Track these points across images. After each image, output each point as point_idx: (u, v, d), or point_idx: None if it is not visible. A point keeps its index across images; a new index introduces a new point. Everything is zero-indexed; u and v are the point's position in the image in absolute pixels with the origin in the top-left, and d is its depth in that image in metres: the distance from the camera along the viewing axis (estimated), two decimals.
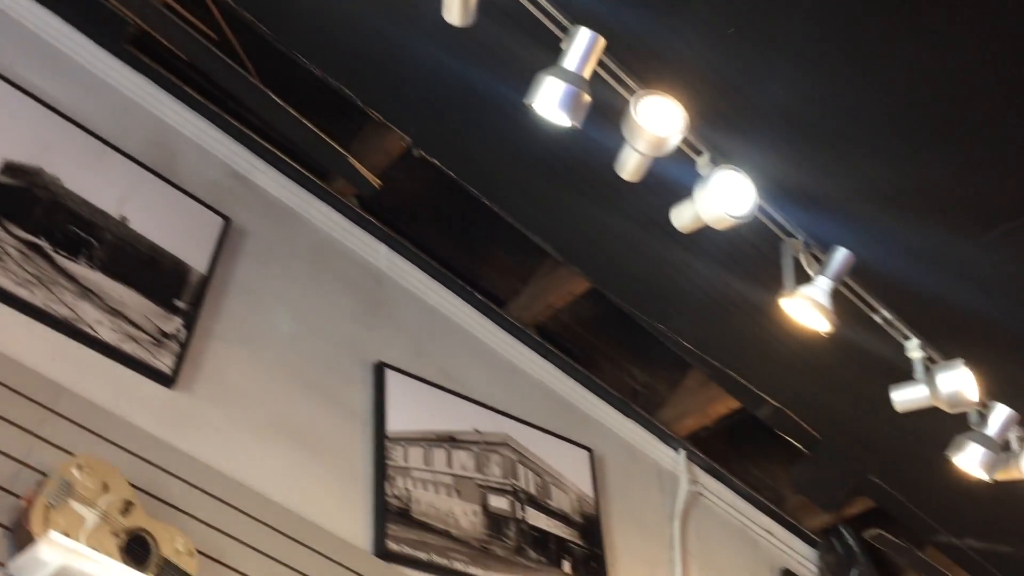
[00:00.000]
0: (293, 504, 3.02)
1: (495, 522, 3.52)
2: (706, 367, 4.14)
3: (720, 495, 4.60)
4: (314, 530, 3.01)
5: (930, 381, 2.77)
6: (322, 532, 3.03)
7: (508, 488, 3.65)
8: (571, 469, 3.93)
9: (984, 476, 2.80)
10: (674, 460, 4.47)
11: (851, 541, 4.73)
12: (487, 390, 3.85)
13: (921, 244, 3.01)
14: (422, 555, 3.23)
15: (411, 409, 3.49)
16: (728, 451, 4.75)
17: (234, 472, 2.94)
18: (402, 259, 3.84)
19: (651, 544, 4.16)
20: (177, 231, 3.16)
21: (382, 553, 3.13)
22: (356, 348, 3.52)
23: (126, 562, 2.40)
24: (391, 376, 3.51)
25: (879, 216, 2.87)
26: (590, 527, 3.86)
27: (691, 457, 4.50)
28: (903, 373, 3.12)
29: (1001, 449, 2.87)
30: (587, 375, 4.27)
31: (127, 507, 2.50)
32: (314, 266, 3.57)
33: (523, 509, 3.65)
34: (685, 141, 2.48)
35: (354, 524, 3.15)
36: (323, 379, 3.35)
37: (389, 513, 3.22)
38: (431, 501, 3.36)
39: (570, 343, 4.34)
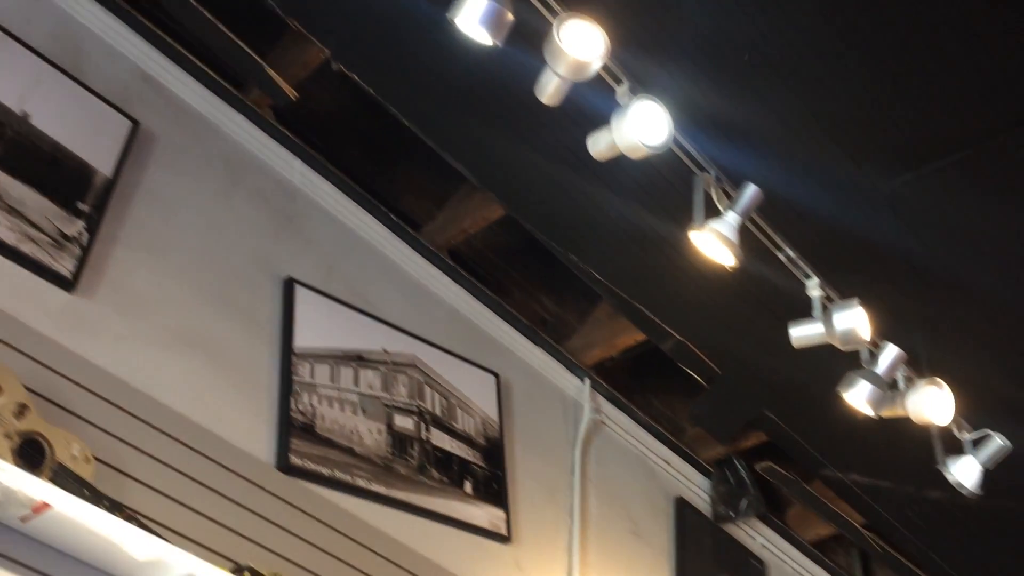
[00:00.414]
0: (195, 415, 3.00)
1: (399, 441, 3.55)
2: (614, 299, 4.21)
3: (621, 424, 4.71)
4: (215, 441, 3.00)
5: (826, 319, 2.86)
6: (224, 444, 3.03)
7: (414, 408, 3.68)
8: (477, 393, 3.98)
9: (871, 412, 2.92)
10: (579, 389, 4.55)
11: (743, 472, 4.91)
12: (397, 311, 3.86)
13: (833, 182, 3.09)
14: (324, 471, 3.25)
15: (320, 326, 3.48)
16: (632, 382, 4.86)
17: (135, 380, 2.90)
18: (317, 175, 3.78)
19: (552, 468, 4.25)
20: (82, 131, 3.06)
21: (284, 467, 3.14)
22: (266, 263, 3.48)
23: (19, 465, 2.36)
24: (300, 292, 3.49)
25: (793, 153, 2.94)
26: (493, 450, 3.93)
27: (595, 387, 4.59)
28: (803, 311, 3.22)
29: (888, 387, 2.99)
30: (498, 302, 4.30)
31: (21, 410, 2.45)
32: (225, 177, 3.50)
33: (428, 430, 3.69)
34: (606, 69, 2.48)
35: (257, 438, 3.15)
36: (230, 292, 3.31)
37: (293, 428, 3.22)
38: (336, 418, 3.38)
39: (482, 269, 4.36)
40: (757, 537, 5.19)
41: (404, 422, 3.61)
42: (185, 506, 2.84)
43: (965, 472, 3.12)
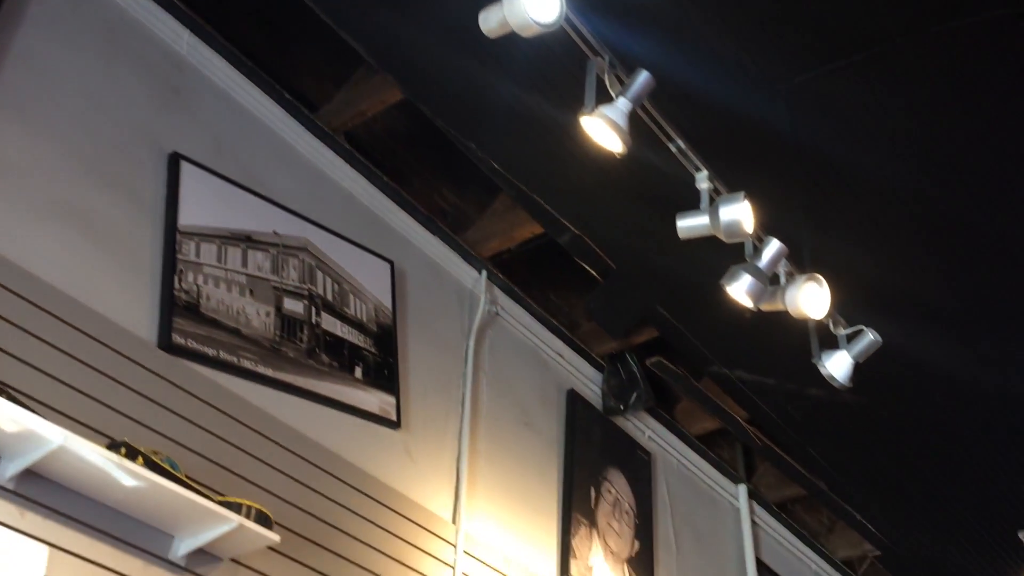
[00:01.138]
0: (71, 289, 2.91)
1: (288, 325, 3.52)
2: (512, 190, 4.20)
3: (517, 317, 4.74)
4: (93, 317, 2.93)
5: (712, 211, 2.89)
6: (102, 320, 2.95)
7: (304, 292, 3.64)
8: (370, 280, 3.95)
9: (750, 305, 2.98)
10: (475, 280, 4.56)
11: (634, 367, 5.02)
12: (290, 194, 3.78)
13: (730, 75, 3.09)
14: (209, 351, 3.20)
15: (207, 205, 3.39)
16: (529, 276, 4.88)
17: (6, 251, 2.79)
18: (207, 48, 3.63)
19: (445, 358, 4.28)
20: None
21: (166, 345, 3.08)
22: (149, 136, 3.35)
23: None
24: (187, 169, 3.38)
25: (692, 42, 2.92)
26: (385, 337, 3.92)
27: (492, 279, 4.60)
28: (695, 205, 3.25)
29: (769, 281, 3.06)
30: (395, 189, 4.24)
31: None
32: (107, 43, 3.33)
33: (318, 314, 3.65)
34: None
35: (137, 315, 3.08)
36: (111, 164, 3.19)
37: (176, 307, 3.15)
38: (222, 298, 3.31)
39: (380, 155, 4.28)
40: (645, 430, 5.34)
41: (294, 306, 3.57)
42: (60, 381, 2.77)
43: (837, 366, 3.23)
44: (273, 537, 2.95)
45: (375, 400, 3.75)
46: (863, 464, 5.60)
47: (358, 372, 3.72)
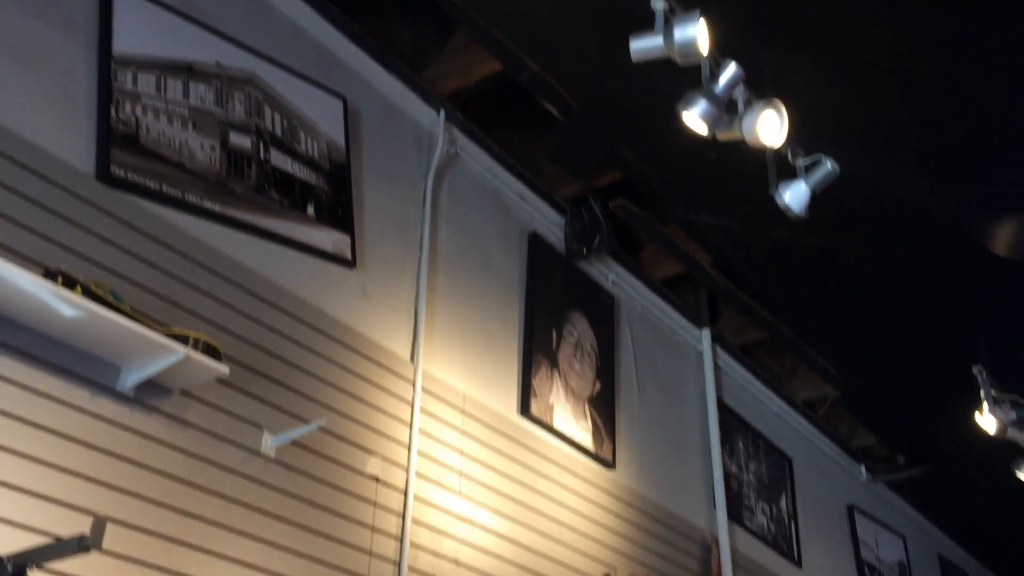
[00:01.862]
0: (4, 119, 2.80)
1: (235, 160, 3.42)
2: (470, 24, 4.05)
3: (477, 159, 4.66)
4: (26, 147, 2.83)
5: (667, 32, 2.79)
6: (36, 150, 2.85)
7: (251, 127, 3.53)
8: (322, 116, 3.83)
9: (705, 131, 2.91)
10: (433, 120, 4.45)
11: (597, 210, 4.96)
12: (234, 24, 3.62)
13: None
14: (151, 184, 3.11)
15: (143, 32, 3.24)
16: (490, 117, 4.77)
17: None
18: None
19: (402, 199, 4.20)
20: None
21: (104, 177, 2.99)
22: None
23: None
24: None
25: None
26: (338, 175, 3.84)
27: (450, 118, 4.49)
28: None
29: (726, 107, 2.98)
30: (349, 23, 4.08)
31: None
32: None
33: (266, 149, 3.56)
34: None
35: (73, 146, 2.97)
36: None
37: (114, 138, 3.04)
38: (163, 131, 3.21)
39: None
40: (609, 274, 5.33)
41: (240, 140, 3.47)
42: None
43: (794, 196, 3.19)
44: (222, 369, 2.93)
45: (328, 238, 3.69)
46: (824, 307, 5.65)
47: (310, 210, 3.65)
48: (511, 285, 4.68)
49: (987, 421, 4.76)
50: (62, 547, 2.39)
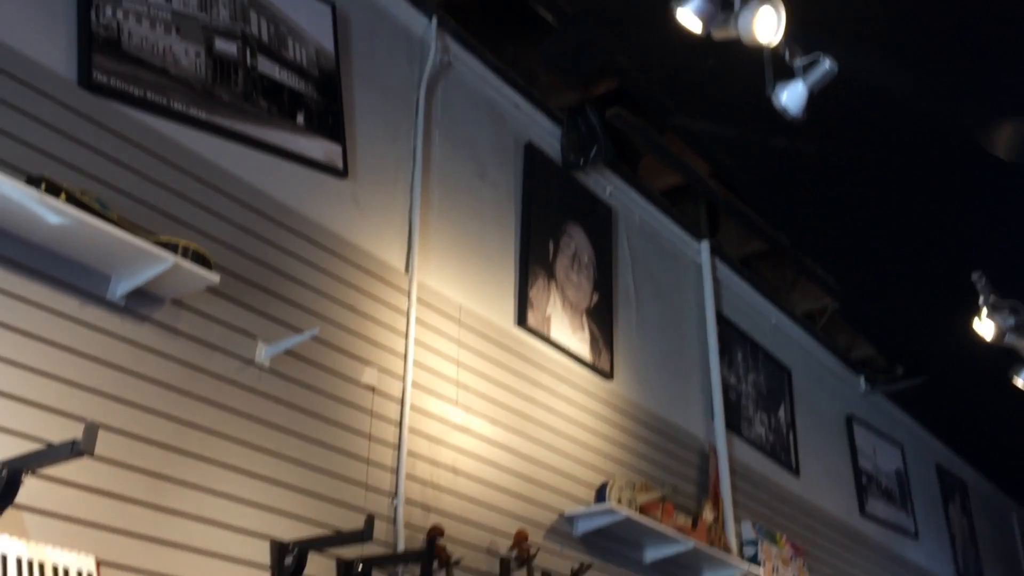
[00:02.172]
0: None
1: (221, 66, 3.35)
2: None
3: (471, 67, 4.57)
4: (7, 53, 2.77)
5: None
6: (17, 56, 2.79)
7: (237, 33, 3.45)
8: (310, 22, 3.75)
9: (699, 29, 2.84)
10: (425, 28, 4.36)
11: (594, 120, 4.89)
12: None
13: None
14: (135, 90, 3.05)
15: None
16: (482, 23, 4.67)
17: None
18: None
19: (394, 109, 4.14)
20: None
21: (87, 83, 2.93)
22: None
23: None
24: None
25: None
26: (328, 83, 3.77)
27: (443, 25, 4.39)
28: None
29: (722, 6, 2.90)
30: None
31: None
32: None
33: (253, 56, 3.48)
34: None
35: (54, 52, 2.91)
36: None
37: (95, 43, 2.98)
38: (146, 36, 3.14)
39: None
40: (606, 185, 5.28)
41: (226, 47, 3.40)
42: None
43: (791, 96, 3.12)
44: (212, 277, 2.92)
45: (319, 147, 3.64)
46: (824, 217, 5.61)
47: (300, 119, 3.60)
48: (507, 196, 4.64)
49: (985, 327, 4.75)
50: (55, 452, 2.40)
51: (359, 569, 3.28)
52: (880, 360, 7.32)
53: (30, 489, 2.53)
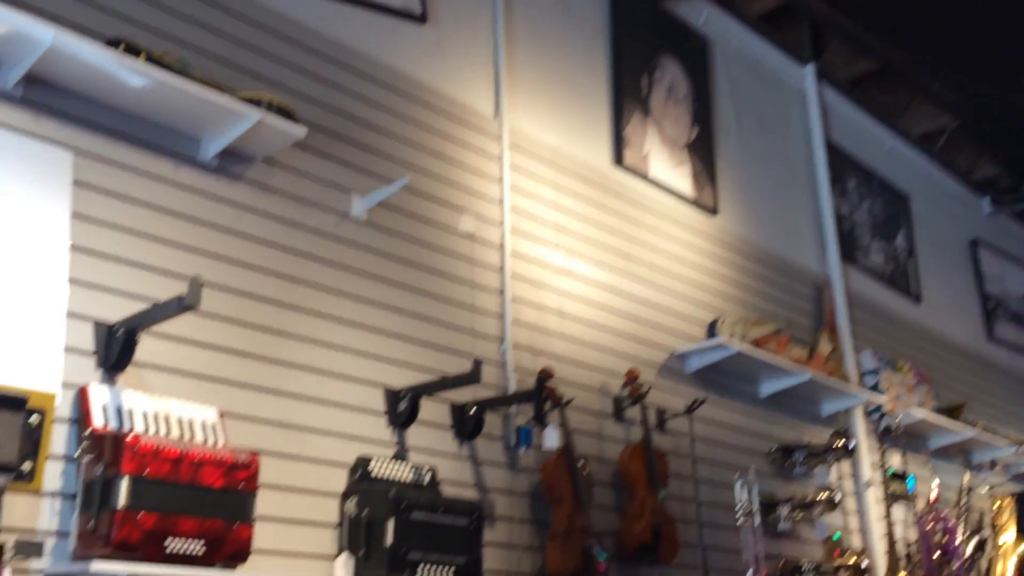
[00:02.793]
0: None
1: None
2: None
3: None
4: None
5: None
6: None
7: None
8: None
9: None
10: None
11: None
12: None
13: None
14: None
15: None
16: None
17: None
18: None
19: None
20: None
21: None
22: None
23: None
24: None
25: None
26: None
27: None
28: None
29: None
30: None
31: None
32: None
33: None
34: None
35: None
36: None
37: None
38: None
39: None
40: (699, 13, 5.03)
41: None
42: None
43: None
44: (298, 131, 2.90)
45: None
46: (939, 27, 5.23)
47: None
48: (595, 31, 4.46)
49: None
50: (164, 309, 2.46)
51: (472, 412, 3.33)
52: (1006, 179, 6.94)
53: (151, 347, 2.62)
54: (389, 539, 2.79)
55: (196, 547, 2.37)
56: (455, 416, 3.34)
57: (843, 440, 4.62)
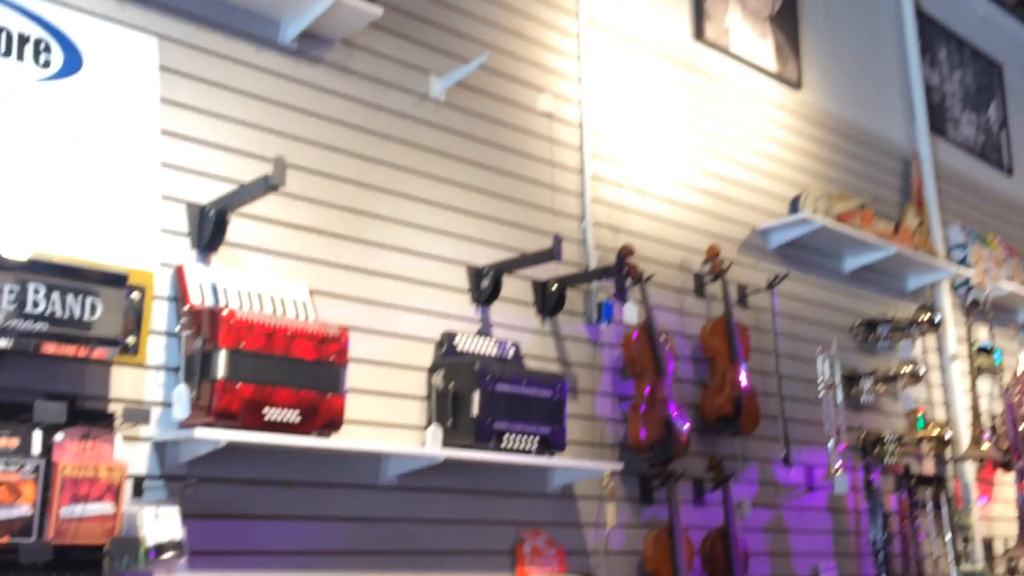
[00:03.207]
0: None
1: None
2: None
3: None
4: None
5: None
6: None
7: None
8: None
9: None
10: None
11: None
12: None
13: None
14: None
15: None
16: None
17: None
18: None
19: None
20: None
21: None
22: None
23: None
24: None
25: None
26: None
27: None
28: None
29: None
30: None
31: None
32: None
33: None
34: None
35: None
36: None
37: None
38: None
39: None
40: None
41: None
42: None
43: None
44: (375, 11, 2.91)
45: None
46: None
47: None
48: None
49: None
50: (251, 188, 2.54)
51: (553, 288, 3.38)
52: None
53: (241, 228, 2.71)
54: (475, 410, 2.88)
55: (292, 416, 2.48)
56: (537, 293, 3.39)
57: (929, 314, 4.57)
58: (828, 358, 4.11)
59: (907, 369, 4.44)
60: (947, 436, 4.58)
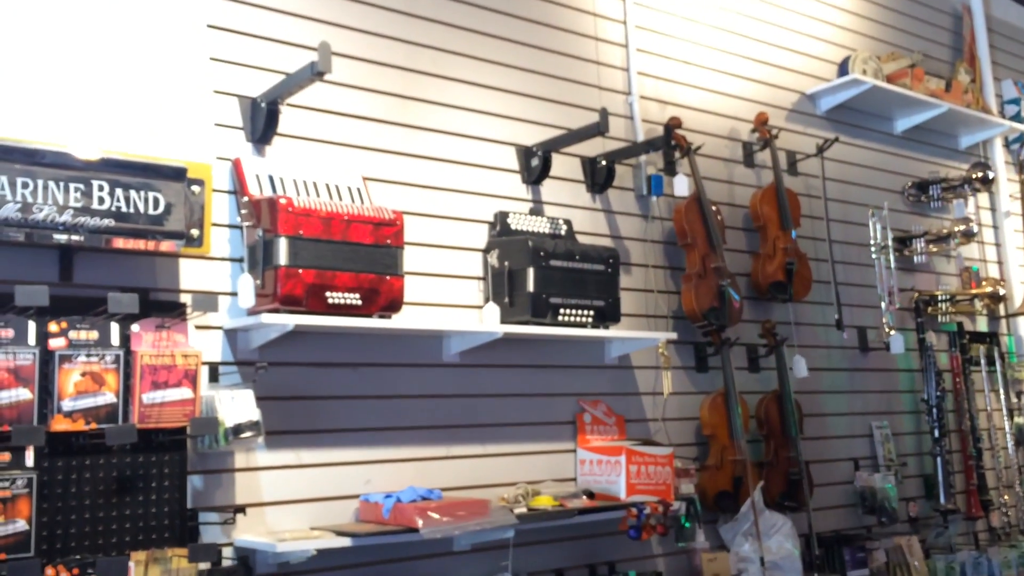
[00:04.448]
0: None
1: None
2: None
3: None
4: None
5: None
6: None
7: None
8: None
9: None
10: None
11: None
12: None
13: None
14: None
15: None
16: None
17: None
18: None
19: None
20: None
21: None
22: None
23: None
24: None
25: None
26: None
27: None
28: None
29: None
30: None
31: None
32: None
33: None
34: None
35: None
36: None
37: None
38: None
39: None
40: None
41: None
42: None
43: None
44: None
45: None
46: None
47: None
48: None
49: None
50: (298, 76, 2.55)
51: (602, 164, 3.39)
52: None
53: (293, 119, 2.74)
54: (531, 287, 2.94)
55: (353, 299, 2.56)
56: (586, 169, 3.40)
57: (982, 172, 4.51)
58: (879, 220, 4.09)
59: (960, 228, 4.41)
60: (1001, 292, 4.57)
